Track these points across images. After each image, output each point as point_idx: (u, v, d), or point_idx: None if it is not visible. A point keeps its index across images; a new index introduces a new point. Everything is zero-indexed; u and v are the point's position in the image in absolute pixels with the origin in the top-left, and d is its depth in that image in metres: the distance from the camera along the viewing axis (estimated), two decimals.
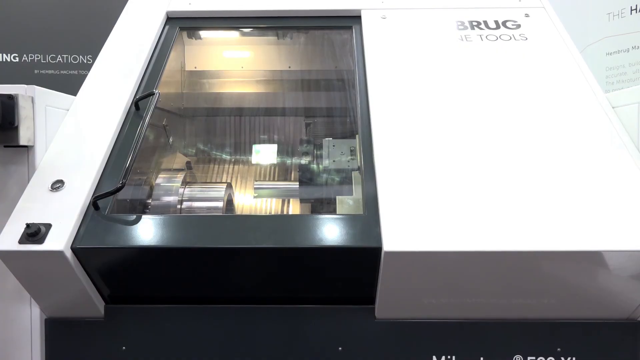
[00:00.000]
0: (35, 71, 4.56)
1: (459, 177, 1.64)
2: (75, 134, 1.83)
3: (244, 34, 2.62)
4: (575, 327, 1.66)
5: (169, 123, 2.39)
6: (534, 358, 1.66)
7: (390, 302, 1.63)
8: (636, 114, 1.75)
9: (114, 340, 1.69)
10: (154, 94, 1.93)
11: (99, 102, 1.95)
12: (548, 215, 1.54)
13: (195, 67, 2.72)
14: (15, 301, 1.72)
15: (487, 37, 2.19)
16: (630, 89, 1.84)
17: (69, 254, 1.52)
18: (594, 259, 1.50)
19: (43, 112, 1.76)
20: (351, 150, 2.09)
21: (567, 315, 1.66)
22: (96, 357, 1.70)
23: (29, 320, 1.72)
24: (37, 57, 4.57)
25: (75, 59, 4.59)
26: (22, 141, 1.65)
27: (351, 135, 2.24)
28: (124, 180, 1.63)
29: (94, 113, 1.91)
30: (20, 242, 1.51)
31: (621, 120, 1.82)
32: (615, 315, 1.66)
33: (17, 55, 4.55)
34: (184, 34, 2.57)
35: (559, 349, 1.65)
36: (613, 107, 1.87)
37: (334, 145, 2.12)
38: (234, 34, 2.65)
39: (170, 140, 2.40)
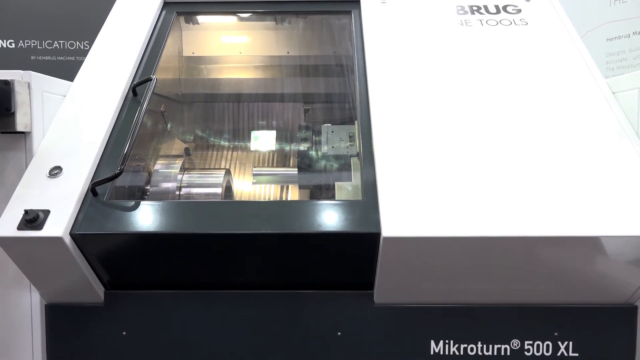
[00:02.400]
0: (32, 57, 4.52)
1: (457, 163, 1.64)
2: (72, 120, 1.82)
3: (241, 19, 2.59)
4: (573, 311, 1.67)
5: (167, 109, 2.38)
6: (531, 342, 1.67)
7: (389, 287, 1.63)
8: (636, 100, 1.75)
9: (114, 325, 1.70)
10: (151, 79, 1.92)
11: (96, 88, 1.94)
12: (546, 201, 1.54)
13: (193, 53, 2.70)
14: (15, 287, 1.72)
15: (488, 22, 2.18)
16: (631, 74, 1.83)
17: (67, 240, 1.52)
18: (592, 244, 1.50)
19: (40, 98, 1.75)
20: (350, 136, 2.08)
21: (564, 300, 1.67)
22: (97, 342, 1.71)
23: (29, 306, 1.73)
24: (34, 43, 4.53)
25: (72, 44, 4.55)
26: (19, 127, 1.64)
27: (350, 121, 2.23)
28: (122, 167, 1.63)
29: (91, 99, 1.90)
30: (19, 228, 1.51)
31: (621, 105, 1.81)
32: (612, 300, 1.67)
33: (13, 41, 4.51)
34: (181, 19, 2.54)
35: (556, 334, 1.67)
36: (613, 93, 1.86)
37: (332, 131, 2.11)
38: (231, 19, 2.63)
39: (169, 126, 2.39)
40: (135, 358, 1.71)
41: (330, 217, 1.56)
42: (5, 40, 4.50)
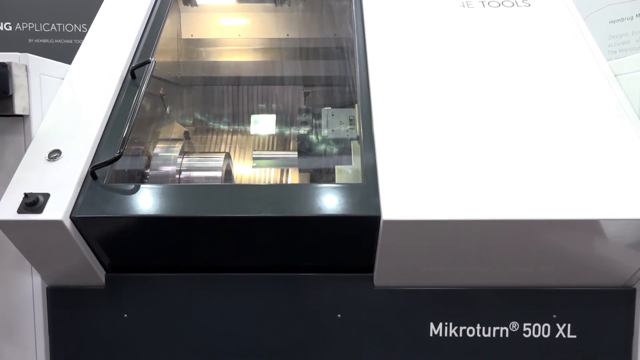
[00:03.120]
0: (29, 40, 4.49)
1: (458, 147, 1.64)
2: (71, 103, 1.81)
3: (240, 1, 2.56)
4: (571, 294, 1.68)
5: (166, 92, 2.36)
6: (529, 325, 1.69)
7: (389, 270, 1.64)
8: (638, 83, 1.73)
9: (115, 308, 1.71)
10: (149, 62, 1.90)
11: (94, 70, 1.92)
12: (546, 184, 1.54)
13: (192, 35, 2.68)
14: (16, 270, 1.73)
15: (489, 3, 2.15)
16: (633, 56, 1.81)
17: (68, 223, 1.52)
18: (591, 227, 1.50)
19: (38, 81, 1.73)
20: (350, 120, 2.07)
21: (563, 283, 1.67)
22: (99, 324, 1.73)
23: (30, 289, 1.74)
24: (31, 25, 4.49)
25: (69, 27, 4.51)
26: (17, 110, 1.64)
27: (350, 104, 2.22)
28: (121, 150, 1.62)
29: (90, 82, 1.88)
30: (19, 211, 1.51)
31: (623, 88, 1.80)
32: (611, 282, 1.67)
33: (10, 24, 4.47)
34: (180, 0, 2.51)
35: (554, 316, 1.68)
36: (615, 76, 1.85)
37: (332, 115, 2.10)
38: (230, 1, 2.60)
39: (168, 109, 2.38)
40: (136, 340, 1.72)
41: (330, 201, 1.56)
42: (2, 23, 4.46)
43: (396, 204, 1.50)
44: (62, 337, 1.74)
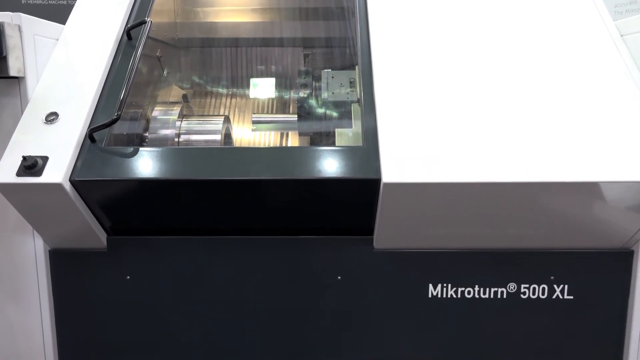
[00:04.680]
0: (23, 1, 4.38)
1: (458, 110, 1.62)
2: (66, 64, 1.78)
3: None
4: (569, 256, 1.69)
5: (163, 54, 2.32)
6: (527, 286, 1.71)
7: (388, 233, 1.65)
8: None
9: (117, 270, 1.73)
10: (145, 22, 1.86)
11: (89, 31, 1.88)
12: (547, 146, 1.53)
13: None
14: (18, 232, 1.74)
15: None
16: None
17: (67, 186, 1.52)
18: (592, 190, 1.50)
19: (32, 42, 1.70)
20: (351, 82, 2.04)
21: (561, 245, 1.69)
22: (102, 286, 1.75)
23: (33, 251, 1.75)
24: None
25: None
26: (12, 72, 1.61)
27: (351, 66, 2.18)
28: (119, 112, 1.60)
29: (85, 43, 1.85)
30: (18, 174, 1.50)
31: (629, 48, 1.77)
32: (609, 244, 1.68)
33: None
34: None
35: (552, 277, 1.70)
36: (622, 36, 1.81)
37: (333, 77, 2.07)
38: None
39: (165, 72, 2.34)
40: (139, 301, 1.75)
41: (330, 163, 1.55)
42: None
43: (396, 167, 1.49)
44: (66, 299, 1.77)
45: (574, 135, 1.55)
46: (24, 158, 1.50)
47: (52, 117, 1.63)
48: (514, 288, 1.71)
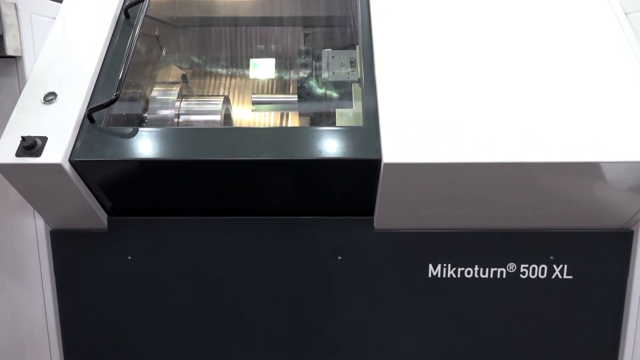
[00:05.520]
0: None
1: (459, 90, 1.60)
2: (64, 44, 1.76)
3: None
4: (569, 236, 1.70)
5: (162, 33, 2.29)
6: (527, 266, 1.71)
7: (389, 213, 1.65)
8: None
9: (118, 250, 1.74)
10: (143, 0, 1.83)
11: (87, 9, 1.86)
12: (548, 126, 1.52)
13: None
14: (19, 213, 1.74)
15: None
16: None
17: (67, 166, 1.51)
18: (592, 170, 1.50)
19: (28, 20, 1.68)
20: (351, 62, 2.02)
21: (561, 225, 1.69)
22: (103, 267, 1.76)
23: (34, 232, 1.75)
24: None
25: None
26: (9, 51, 1.59)
27: (351, 45, 2.16)
28: (117, 92, 1.59)
29: (82, 21, 1.82)
30: (17, 155, 1.50)
31: (633, 27, 1.74)
32: (609, 225, 1.69)
33: None
34: None
35: (551, 257, 1.70)
36: (626, 14, 1.78)
37: (333, 57, 2.05)
38: None
39: (164, 52, 2.32)
40: (140, 281, 1.76)
41: (330, 144, 1.55)
42: None
43: (397, 147, 1.48)
44: (68, 279, 1.78)
45: (574, 115, 1.54)
46: (23, 138, 1.49)
47: (50, 97, 1.61)
48: (514, 268, 1.72)
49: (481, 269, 1.72)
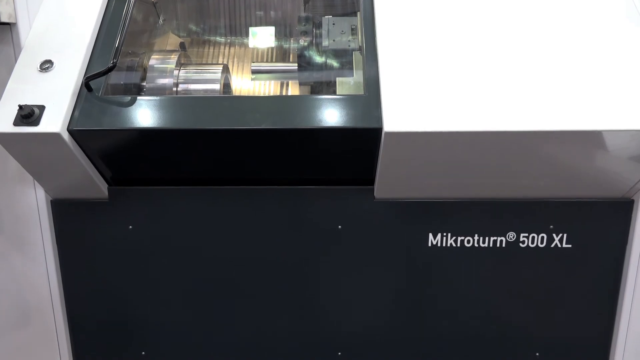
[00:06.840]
0: None
1: (461, 58, 1.58)
2: (59, 10, 1.72)
3: None
4: (569, 205, 1.70)
5: (159, 0, 2.25)
6: (526, 235, 1.72)
7: (389, 182, 1.65)
8: None
9: (119, 220, 1.74)
10: None
11: None
12: (549, 95, 1.50)
13: None
14: (19, 183, 1.74)
15: None
16: None
17: (66, 136, 1.50)
18: (593, 138, 1.49)
19: None
20: (352, 29, 1.99)
21: (561, 195, 1.69)
22: (104, 236, 1.77)
23: (35, 202, 1.76)
24: None
25: None
26: (3, 18, 1.57)
27: (352, 12, 2.11)
28: (115, 60, 1.57)
29: None
30: (15, 124, 1.48)
31: None
32: (609, 194, 1.69)
33: None
34: None
35: (551, 226, 1.71)
36: None
37: (334, 24, 2.01)
38: None
39: (161, 19, 2.27)
40: (142, 251, 1.77)
41: (331, 112, 1.53)
42: None
43: (398, 116, 1.47)
44: (70, 249, 1.79)
45: (577, 83, 1.52)
46: (20, 107, 1.48)
47: (46, 65, 1.59)
48: (513, 237, 1.73)
49: (481, 238, 1.73)
